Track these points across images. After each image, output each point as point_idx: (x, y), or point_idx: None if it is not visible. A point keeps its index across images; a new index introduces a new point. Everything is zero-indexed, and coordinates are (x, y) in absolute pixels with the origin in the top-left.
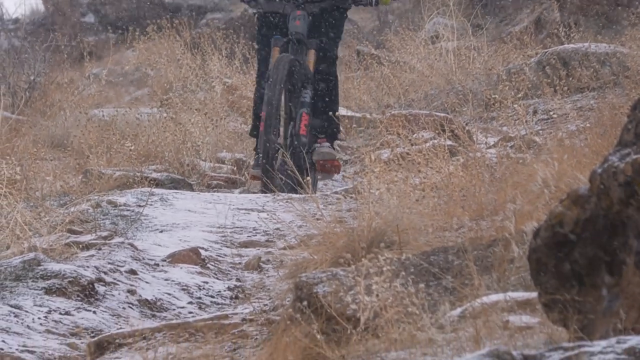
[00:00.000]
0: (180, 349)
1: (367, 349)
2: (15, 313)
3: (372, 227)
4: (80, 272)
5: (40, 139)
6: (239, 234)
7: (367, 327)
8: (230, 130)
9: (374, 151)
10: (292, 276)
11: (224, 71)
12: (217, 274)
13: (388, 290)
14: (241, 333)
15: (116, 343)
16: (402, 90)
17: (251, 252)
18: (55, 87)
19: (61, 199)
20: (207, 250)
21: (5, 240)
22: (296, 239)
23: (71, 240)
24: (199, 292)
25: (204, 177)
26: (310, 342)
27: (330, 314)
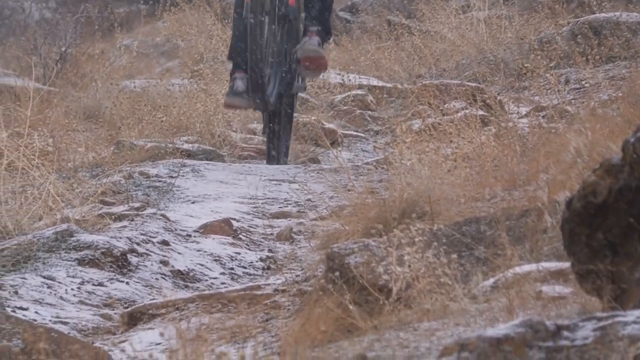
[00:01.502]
0: (213, 319)
1: (399, 320)
2: (48, 284)
3: (404, 198)
4: (113, 243)
5: (72, 111)
6: (270, 205)
7: (399, 297)
8: None
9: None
10: (323, 247)
11: None
12: (249, 245)
13: (420, 260)
14: (273, 304)
15: (149, 314)
16: (433, 60)
17: (283, 223)
18: (86, 59)
19: (93, 170)
20: (239, 221)
21: (38, 212)
22: (327, 210)
23: (104, 212)
24: (231, 263)
25: (235, 148)
26: (343, 312)
27: (362, 284)
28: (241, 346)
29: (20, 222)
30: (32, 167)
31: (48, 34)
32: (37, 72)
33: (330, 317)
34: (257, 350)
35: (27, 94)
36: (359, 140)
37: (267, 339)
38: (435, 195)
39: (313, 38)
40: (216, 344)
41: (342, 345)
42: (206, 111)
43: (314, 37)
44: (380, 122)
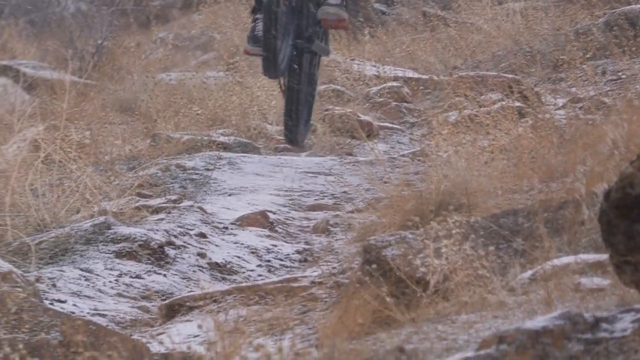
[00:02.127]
0: (250, 311)
1: (437, 312)
2: (86, 277)
3: (441, 190)
4: (151, 236)
5: (109, 103)
6: (306, 197)
7: (436, 290)
8: None
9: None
10: (360, 239)
11: None
12: (286, 237)
13: (457, 253)
14: (310, 296)
15: (187, 306)
16: (469, 52)
17: (319, 215)
18: (122, 51)
19: (130, 163)
20: (275, 214)
21: (75, 204)
22: (364, 202)
23: (141, 204)
24: (267, 255)
25: (271, 140)
26: (380, 305)
27: (399, 276)
28: (279, 338)
29: (57, 215)
30: (69, 159)
31: (84, 27)
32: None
33: (368, 310)
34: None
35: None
36: (395, 133)
37: (305, 331)
38: (472, 188)
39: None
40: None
41: (379, 337)
42: (242, 104)
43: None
44: (416, 114)
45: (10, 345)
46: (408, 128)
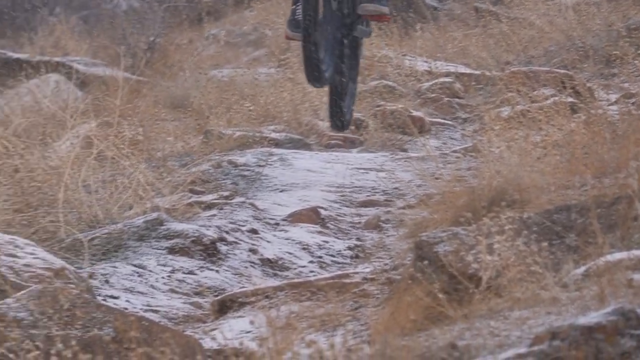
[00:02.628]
0: (302, 307)
1: (489, 308)
2: (139, 273)
3: (493, 186)
4: (203, 232)
5: (161, 100)
6: (357, 193)
7: (489, 286)
8: None
9: (493, 109)
10: (412, 235)
11: None
12: (337, 233)
13: (510, 249)
14: (362, 292)
15: (239, 302)
16: (522, 47)
17: (370, 212)
18: (174, 48)
19: (182, 159)
20: (327, 210)
21: (128, 201)
22: (415, 198)
23: (193, 200)
24: (319, 251)
25: (322, 136)
26: (432, 301)
27: (451, 273)
28: (331, 334)
29: (110, 211)
30: (122, 156)
31: (136, 24)
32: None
33: (420, 306)
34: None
35: (116, 84)
36: (447, 128)
37: (357, 327)
38: (525, 183)
39: None
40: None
41: (432, 333)
42: (293, 100)
43: None
44: (468, 109)
45: (63, 342)
46: (460, 124)
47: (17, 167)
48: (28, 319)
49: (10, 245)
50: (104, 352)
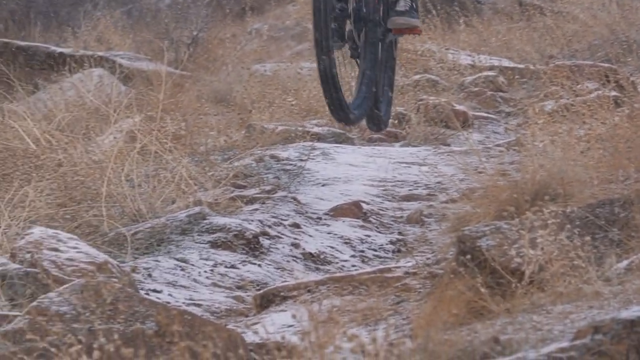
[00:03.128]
0: (344, 301)
1: (532, 302)
2: (181, 267)
3: (536, 180)
4: (245, 226)
5: (204, 94)
6: (400, 187)
7: (532, 280)
8: None
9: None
10: (454, 230)
11: None
12: (379, 228)
13: (553, 243)
14: (404, 286)
15: (281, 296)
16: (565, 41)
17: (413, 206)
18: (217, 42)
19: (225, 154)
20: (369, 204)
21: (171, 195)
22: (458, 192)
23: (235, 194)
24: (361, 246)
25: (364, 131)
26: (474, 295)
27: (494, 267)
28: (373, 328)
29: (153, 206)
30: (165, 150)
31: (179, 18)
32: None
33: (462, 300)
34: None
35: (159, 78)
36: (490, 122)
37: (399, 321)
38: (568, 177)
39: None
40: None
41: (474, 328)
42: None
43: None
44: (511, 103)
45: (105, 336)
46: (503, 117)
47: (61, 162)
48: (70, 313)
49: (53, 240)
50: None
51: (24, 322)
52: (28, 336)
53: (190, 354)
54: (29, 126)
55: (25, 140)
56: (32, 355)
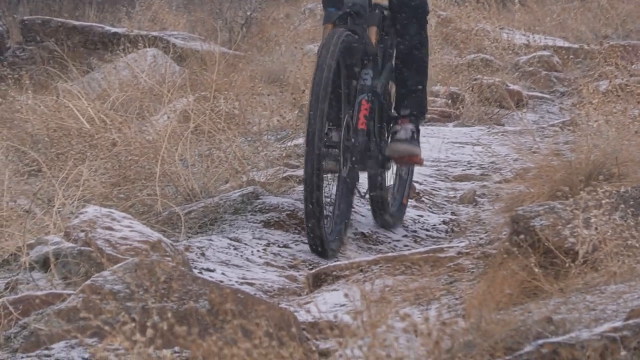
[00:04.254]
0: (396, 281)
1: (585, 282)
2: (234, 246)
3: (591, 160)
4: (298, 206)
5: (257, 74)
6: (453, 167)
7: (585, 260)
8: (445, 63)
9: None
10: (508, 210)
11: (438, 4)
12: (432, 208)
13: (607, 223)
14: (457, 266)
15: (333, 275)
16: (620, 21)
17: (466, 186)
18: (271, 23)
19: (278, 134)
20: (422, 184)
21: (224, 174)
22: (512, 172)
23: (288, 174)
24: (414, 226)
25: None
26: (528, 275)
27: (547, 247)
28: (425, 308)
29: (206, 185)
30: (218, 130)
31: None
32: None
33: (515, 280)
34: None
35: (212, 58)
36: (544, 102)
37: (451, 301)
38: (623, 157)
39: (405, 127)
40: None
41: (527, 307)
42: None
43: (406, 125)
44: (566, 83)
45: (159, 314)
46: (558, 97)
47: (115, 141)
48: (124, 292)
49: (107, 219)
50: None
51: (77, 301)
52: (82, 314)
53: (242, 332)
54: (84, 106)
55: (80, 119)
56: (86, 333)
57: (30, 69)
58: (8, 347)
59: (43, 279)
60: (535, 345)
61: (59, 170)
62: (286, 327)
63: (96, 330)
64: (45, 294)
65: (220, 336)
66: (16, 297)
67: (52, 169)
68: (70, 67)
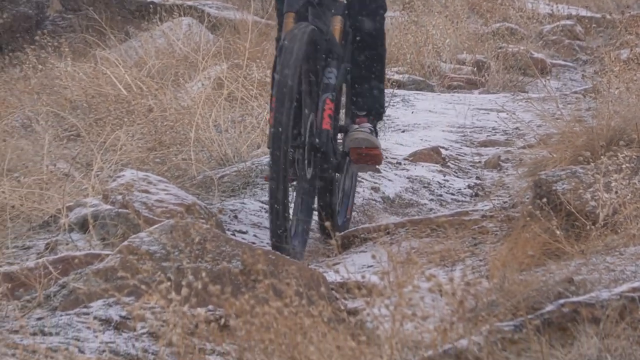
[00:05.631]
0: (422, 243)
1: (606, 245)
2: (266, 209)
3: (611, 126)
4: None
5: None
6: (478, 133)
7: (606, 223)
8: (471, 31)
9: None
10: (531, 174)
11: None
12: (457, 172)
13: (627, 187)
14: (481, 229)
15: (361, 237)
16: None
17: (490, 151)
18: None
19: None
20: (447, 149)
21: (256, 140)
22: (535, 138)
23: None
24: (439, 190)
25: (444, 78)
26: (550, 237)
27: (569, 210)
28: (450, 269)
29: (239, 150)
30: (250, 97)
31: None
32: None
33: (538, 242)
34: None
35: (245, 27)
36: (567, 70)
37: (475, 262)
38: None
39: (363, 125)
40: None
41: (549, 269)
42: (417, 42)
43: (363, 123)
44: (588, 51)
45: (193, 274)
46: (580, 65)
47: (151, 107)
48: (160, 252)
49: (144, 182)
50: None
51: (115, 261)
52: (119, 274)
53: (274, 292)
54: (121, 73)
55: (117, 86)
56: (123, 292)
57: (69, 37)
58: (48, 305)
59: (82, 240)
60: (556, 305)
61: (97, 135)
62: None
63: (133, 289)
64: (84, 255)
65: (252, 295)
66: (56, 257)
67: (91, 134)
68: (108, 36)
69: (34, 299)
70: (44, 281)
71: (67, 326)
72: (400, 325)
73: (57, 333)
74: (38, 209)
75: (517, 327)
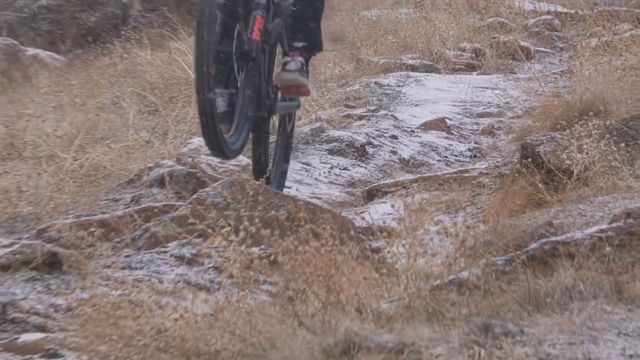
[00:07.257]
0: (431, 195)
1: (578, 195)
2: (306, 169)
3: (583, 100)
4: (355, 137)
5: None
6: (476, 107)
7: (578, 178)
8: (470, 25)
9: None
10: (518, 139)
11: None
12: (460, 138)
13: (595, 149)
14: (479, 183)
15: (382, 191)
16: None
17: (486, 121)
18: None
19: (339, 81)
20: (452, 120)
21: (298, 113)
22: (522, 110)
23: (347, 113)
24: (445, 152)
25: (448, 62)
26: (534, 189)
27: (549, 168)
28: (454, 216)
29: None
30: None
31: None
32: None
33: (524, 194)
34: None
35: None
36: (548, 55)
37: (474, 210)
38: (608, 98)
39: (296, 59)
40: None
41: (533, 214)
42: (426, 33)
43: (296, 57)
44: (564, 40)
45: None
46: (558, 52)
47: None
48: (222, 203)
49: None
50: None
51: (186, 210)
52: (190, 220)
53: (312, 234)
54: (190, 60)
55: (187, 71)
56: (193, 235)
57: (148, 32)
58: (134, 246)
59: (160, 194)
60: (539, 243)
61: (171, 110)
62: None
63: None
64: (162, 205)
65: (295, 237)
66: (139, 207)
67: (166, 109)
68: (180, 30)
69: (123, 240)
70: (130, 226)
71: (149, 262)
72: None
73: (141, 268)
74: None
75: (508, 262)
